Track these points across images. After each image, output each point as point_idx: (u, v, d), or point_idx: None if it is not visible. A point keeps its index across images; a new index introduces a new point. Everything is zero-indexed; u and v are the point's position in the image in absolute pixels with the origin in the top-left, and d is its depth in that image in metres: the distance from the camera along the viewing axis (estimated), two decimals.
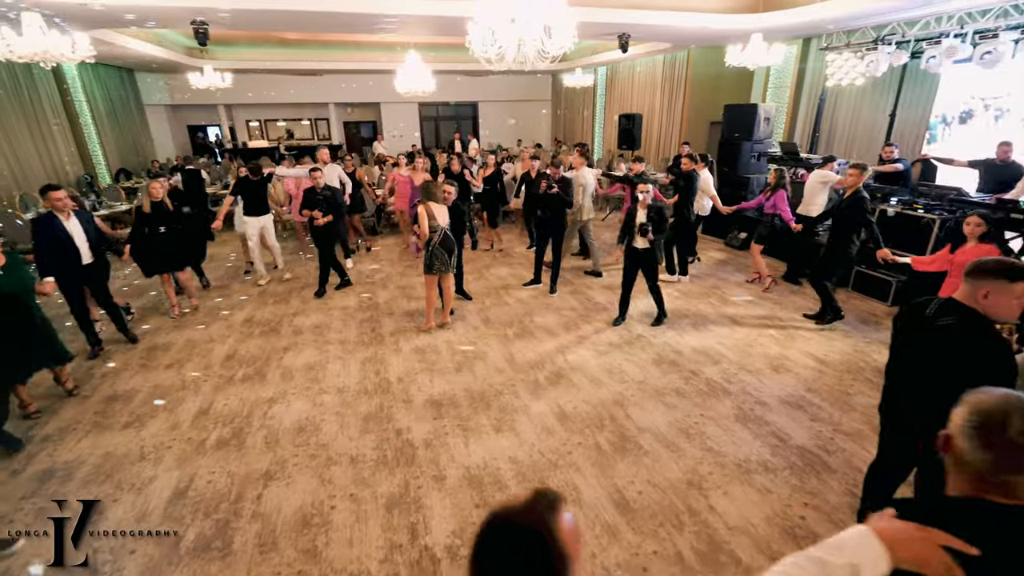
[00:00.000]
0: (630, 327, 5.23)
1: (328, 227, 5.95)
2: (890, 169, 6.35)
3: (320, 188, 5.92)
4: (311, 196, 5.91)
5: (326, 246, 6.02)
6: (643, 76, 13.57)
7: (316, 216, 5.84)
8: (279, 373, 4.42)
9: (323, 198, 5.90)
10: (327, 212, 5.87)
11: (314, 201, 5.88)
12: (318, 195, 5.90)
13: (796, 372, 4.35)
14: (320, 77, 16.43)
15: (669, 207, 6.36)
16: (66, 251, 4.30)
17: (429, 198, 4.83)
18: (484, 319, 5.49)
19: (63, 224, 4.29)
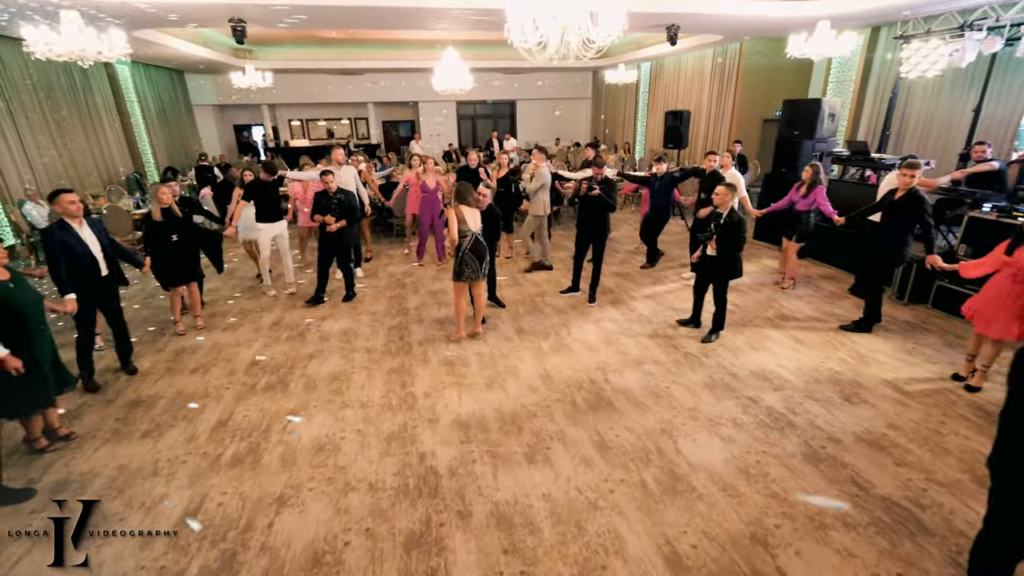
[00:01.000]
0: (679, 344, 4.77)
1: (340, 233, 5.63)
2: (984, 169, 5.60)
3: (333, 191, 5.59)
4: (323, 200, 5.58)
5: (333, 253, 5.71)
6: (690, 71, 12.90)
7: (329, 222, 5.52)
8: (302, 383, 4.21)
9: (337, 202, 5.58)
10: (340, 217, 5.56)
11: (327, 206, 5.57)
12: (332, 199, 5.58)
13: (873, 404, 3.80)
14: (359, 76, 16.51)
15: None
16: (83, 263, 3.81)
17: (461, 201, 4.53)
18: (517, 329, 5.15)
19: (77, 232, 3.81)
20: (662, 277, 6.68)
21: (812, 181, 5.63)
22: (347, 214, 5.64)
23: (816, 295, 5.93)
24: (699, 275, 4.91)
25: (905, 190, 4.46)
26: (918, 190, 4.45)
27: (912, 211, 4.41)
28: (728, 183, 4.70)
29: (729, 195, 4.52)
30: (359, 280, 6.67)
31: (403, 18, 7.96)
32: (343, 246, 5.79)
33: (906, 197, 4.45)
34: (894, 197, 4.58)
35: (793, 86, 11.47)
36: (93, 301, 3.99)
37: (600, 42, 3.71)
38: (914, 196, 4.42)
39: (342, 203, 5.61)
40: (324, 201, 5.60)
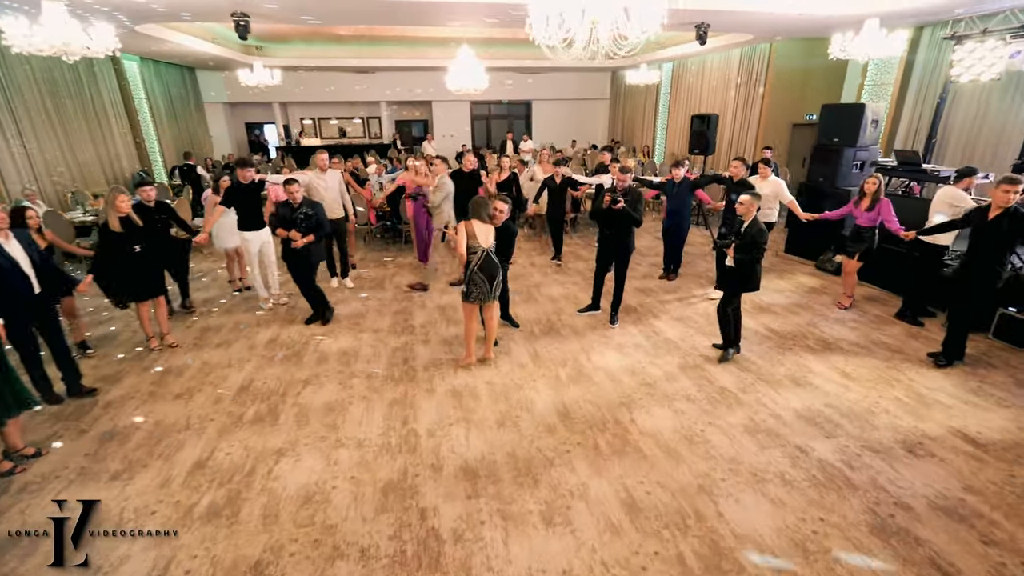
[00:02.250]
0: (713, 378, 4.28)
1: (307, 250, 5.01)
2: None
3: (298, 203, 4.96)
4: (287, 213, 4.94)
5: (302, 273, 5.13)
6: (716, 72, 12.35)
7: (294, 238, 4.92)
8: (294, 414, 3.81)
9: (303, 215, 4.94)
10: (307, 232, 4.95)
11: (291, 219, 4.94)
12: (297, 212, 4.96)
13: (942, 458, 3.29)
14: (372, 75, 16.19)
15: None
16: (11, 280, 3.45)
17: (474, 215, 4.09)
18: (533, 354, 4.70)
19: (3, 246, 3.44)
20: (687, 293, 6.19)
21: (877, 193, 5.15)
22: (315, 229, 5.05)
23: (860, 319, 5.41)
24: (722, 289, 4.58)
25: (1003, 208, 3.93)
26: (1019, 207, 3.93)
27: (1016, 232, 3.93)
28: (754, 192, 4.32)
29: (754, 205, 4.20)
30: (348, 289, 6.36)
31: (418, 14, 7.56)
32: (310, 265, 5.16)
33: (1006, 216, 3.93)
34: (987, 216, 4.04)
35: (825, 90, 10.87)
36: (27, 321, 3.63)
37: (634, 39, 3.25)
38: (1016, 214, 3.91)
39: (309, 217, 4.99)
40: (288, 214, 4.96)
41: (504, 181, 7.40)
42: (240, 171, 5.33)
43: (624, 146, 16.55)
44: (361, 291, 6.36)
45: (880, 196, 5.14)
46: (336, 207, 6.08)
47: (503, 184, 7.39)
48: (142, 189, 5.03)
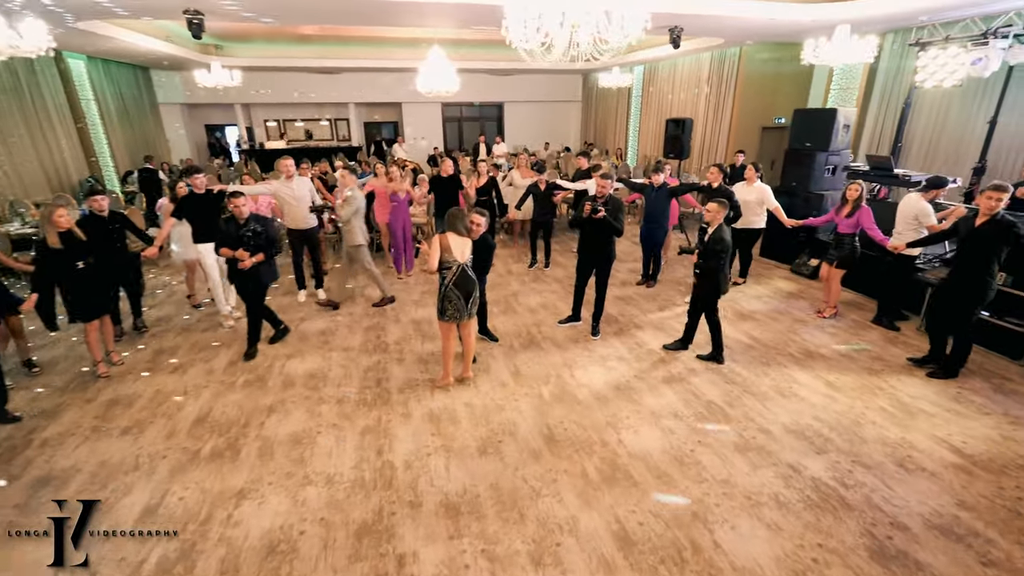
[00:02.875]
0: (700, 391, 4.17)
1: (256, 270, 4.52)
2: None
3: (244, 218, 4.46)
4: (232, 230, 4.42)
5: (252, 294, 4.63)
6: (686, 76, 12.41)
7: (241, 257, 4.39)
8: (256, 447, 3.50)
9: (251, 232, 4.45)
10: (256, 251, 4.47)
11: (237, 237, 4.41)
12: (244, 229, 4.44)
13: (933, 472, 3.24)
14: (339, 76, 15.71)
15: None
16: None
17: (450, 228, 3.86)
18: (513, 371, 4.50)
19: None
20: (667, 301, 6.11)
21: (858, 200, 5.11)
22: (266, 247, 4.53)
23: (839, 325, 5.41)
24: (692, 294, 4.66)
25: (989, 215, 3.91)
26: (1005, 215, 3.93)
27: (1002, 239, 3.88)
28: (719, 199, 4.36)
29: (721, 212, 4.28)
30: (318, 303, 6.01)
31: (385, 14, 7.27)
32: (261, 286, 4.65)
33: (991, 224, 3.91)
34: (974, 225, 4.01)
35: (793, 94, 11.05)
36: None
37: (616, 43, 3.09)
38: (1003, 222, 3.88)
39: (258, 234, 4.48)
40: (233, 231, 4.41)
41: (483, 186, 7.23)
42: (191, 180, 4.97)
43: (597, 148, 16.55)
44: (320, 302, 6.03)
45: (861, 203, 5.11)
46: (307, 216, 5.77)
47: (482, 189, 7.22)
48: (93, 199, 4.65)
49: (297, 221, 5.74)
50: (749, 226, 6.17)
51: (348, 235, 5.55)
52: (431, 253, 3.78)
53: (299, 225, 5.77)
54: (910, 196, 5.07)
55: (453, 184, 6.93)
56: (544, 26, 3.23)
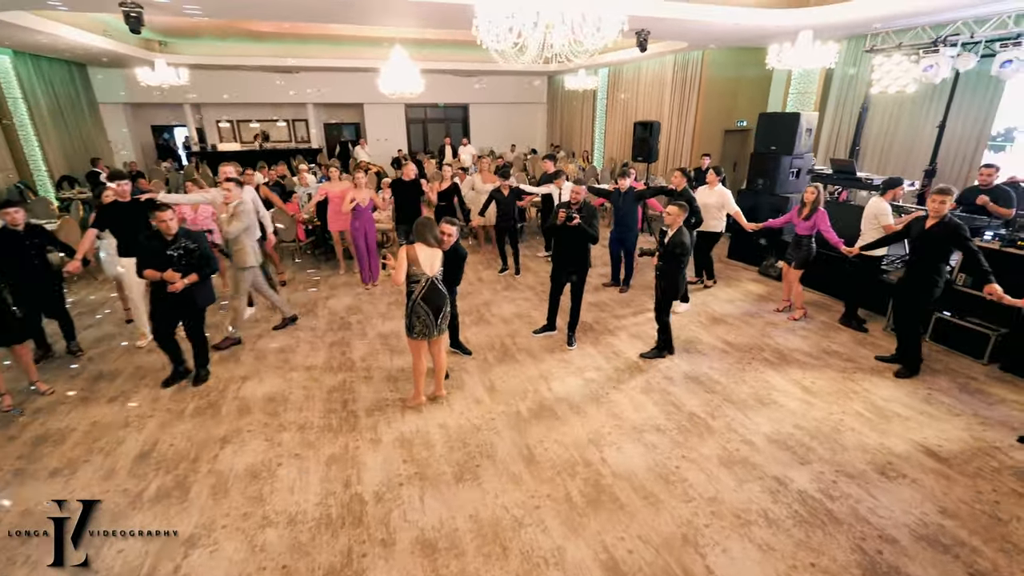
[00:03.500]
0: (680, 402, 4.08)
1: (189, 293, 3.95)
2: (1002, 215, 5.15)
3: (172, 234, 3.87)
4: (157, 247, 3.84)
5: (178, 320, 4.11)
6: (650, 79, 12.52)
7: (171, 279, 3.81)
8: (209, 485, 3.17)
9: (182, 250, 3.90)
10: (189, 271, 3.93)
11: (163, 257, 3.83)
12: (173, 247, 3.87)
13: (913, 478, 3.24)
14: (297, 75, 15.11)
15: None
16: None
17: (419, 238, 3.62)
18: (488, 386, 4.30)
19: None
20: (640, 307, 6.03)
21: (815, 203, 5.21)
22: (199, 266, 3.98)
23: (809, 327, 5.46)
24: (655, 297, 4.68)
25: (938, 218, 4.06)
26: (952, 217, 4.07)
27: (950, 241, 4.03)
28: (679, 203, 4.42)
29: (681, 215, 4.35)
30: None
31: (344, 12, 6.93)
32: (196, 310, 4.13)
33: (940, 226, 4.05)
34: (924, 227, 4.15)
35: (753, 98, 11.30)
36: None
37: (591, 45, 2.95)
38: (950, 224, 4.01)
39: (191, 252, 3.93)
40: (159, 248, 3.84)
41: (445, 191, 7.00)
42: (116, 186, 4.51)
43: (564, 150, 16.53)
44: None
45: (818, 206, 5.21)
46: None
47: (444, 194, 6.99)
48: (5, 211, 4.15)
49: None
50: (709, 229, 6.20)
51: (237, 255, 4.76)
52: (397, 266, 3.53)
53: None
54: (873, 199, 5.16)
55: (416, 189, 6.66)
56: (517, 26, 3.05)
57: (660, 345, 4.77)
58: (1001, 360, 4.58)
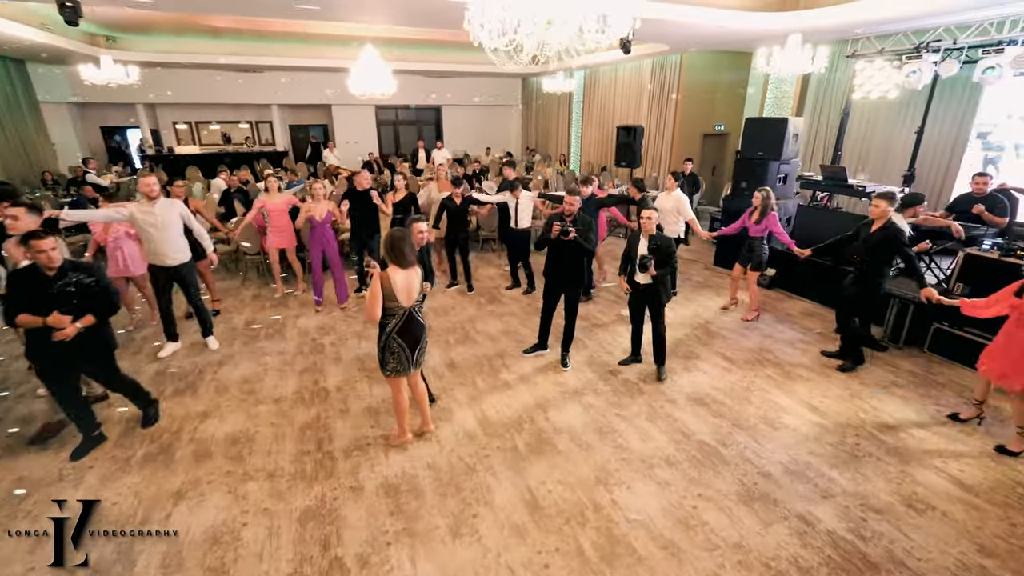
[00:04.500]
0: (688, 428, 3.79)
1: (87, 339, 3.19)
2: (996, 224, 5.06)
3: (55, 267, 3.05)
4: (42, 282, 3.04)
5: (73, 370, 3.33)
6: (627, 82, 12.37)
7: (58, 324, 3.02)
8: (159, 555, 2.69)
9: (72, 286, 3.10)
10: (82, 312, 3.15)
11: (49, 295, 3.04)
12: (59, 283, 3.07)
13: (944, 511, 3.03)
14: (261, 75, 14.36)
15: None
16: None
17: (393, 260, 3.13)
18: (480, 417, 3.92)
19: None
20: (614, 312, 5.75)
21: (764, 207, 5.31)
22: (95, 304, 3.21)
23: (806, 338, 5.29)
24: (634, 306, 4.52)
25: (882, 222, 4.19)
26: (893, 222, 4.18)
27: (889, 245, 4.15)
28: (655, 207, 4.36)
29: (655, 218, 4.24)
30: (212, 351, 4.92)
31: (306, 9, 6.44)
32: (94, 355, 3.34)
33: (882, 231, 4.18)
34: (870, 230, 4.27)
35: (731, 102, 11.28)
36: None
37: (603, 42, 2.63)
38: (890, 229, 4.14)
39: (85, 286, 3.15)
40: (43, 282, 3.04)
41: (401, 202, 6.22)
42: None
43: (540, 154, 16.26)
44: (256, 341, 5.16)
45: (768, 210, 5.27)
46: (175, 249, 4.49)
47: (400, 205, 6.20)
48: None
49: (161, 254, 4.45)
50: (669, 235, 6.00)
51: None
52: (371, 299, 3.06)
53: (164, 260, 4.48)
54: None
55: (365, 200, 5.87)
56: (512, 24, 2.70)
57: (660, 360, 4.51)
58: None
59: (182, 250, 4.59)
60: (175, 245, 4.51)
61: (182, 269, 4.62)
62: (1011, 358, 3.34)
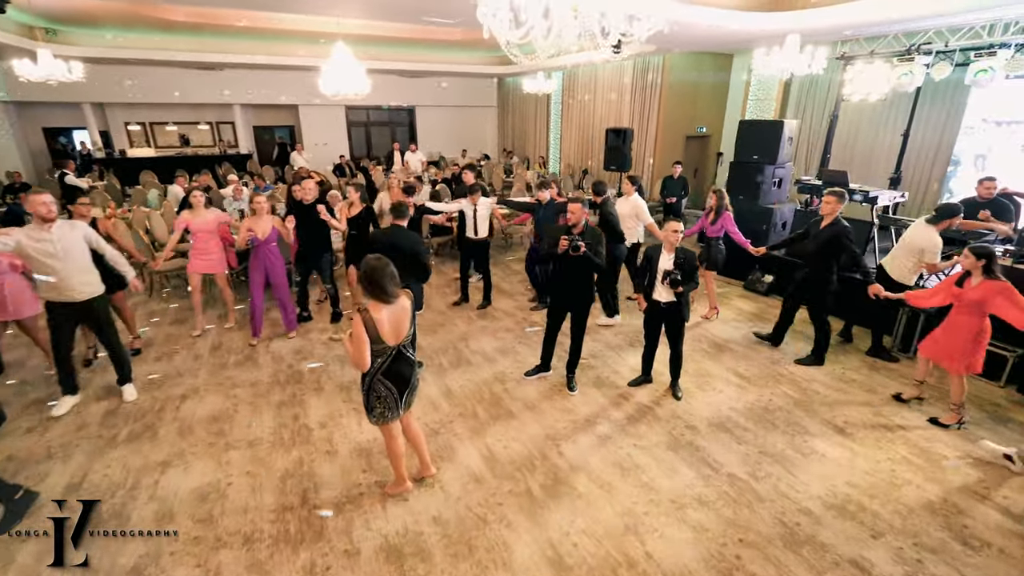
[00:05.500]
0: (715, 460, 3.47)
1: None
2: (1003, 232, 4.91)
3: None
4: None
5: None
6: (608, 83, 12.14)
7: None
8: None
9: None
10: None
11: None
12: None
13: (1000, 547, 2.79)
14: (222, 73, 13.50)
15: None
16: None
17: (373, 295, 2.59)
18: (487, 455, 3.51)
19: None
20: (629, 327, 5.46)
21: (719, 208, 5.42)
22: None
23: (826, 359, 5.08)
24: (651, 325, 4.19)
25: (831, 218, 4.34)
26: (840, 220, 4.34)
27: (837, 242, 4.30)
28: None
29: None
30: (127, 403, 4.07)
31: None
32: None
33: (829, 227, 4.34)
34: (820, 227, 4.43)
35: (712, 104, 11.19)
36: None
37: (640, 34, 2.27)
38: (837, 226, 4.31)
39: None
40: None
41: (356, 217, 5.20)
42: None
43: (517, 156, 15.90)
44: (224, 370, 4.60)
45: (722, 210, 5.39)
46: (82, 281, 3.71)
47: (356, 221, 5.21)
48: None
49: (66, 289, 3.64)
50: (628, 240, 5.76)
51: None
52: (356, 346, 2.54)
53: (70, 295, 3.66)
54: (918, 225, 4.50)
55: (309, 214, 4.99)
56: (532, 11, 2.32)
57: (675, 375, 4.27)
58: (1018, 383, 4.37)
59: (92, 282, 3.77)
60: (83, 276, 3.70)
61: (94, 304, 3.79)
62: (953, 343, 3.64)
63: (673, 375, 4.26)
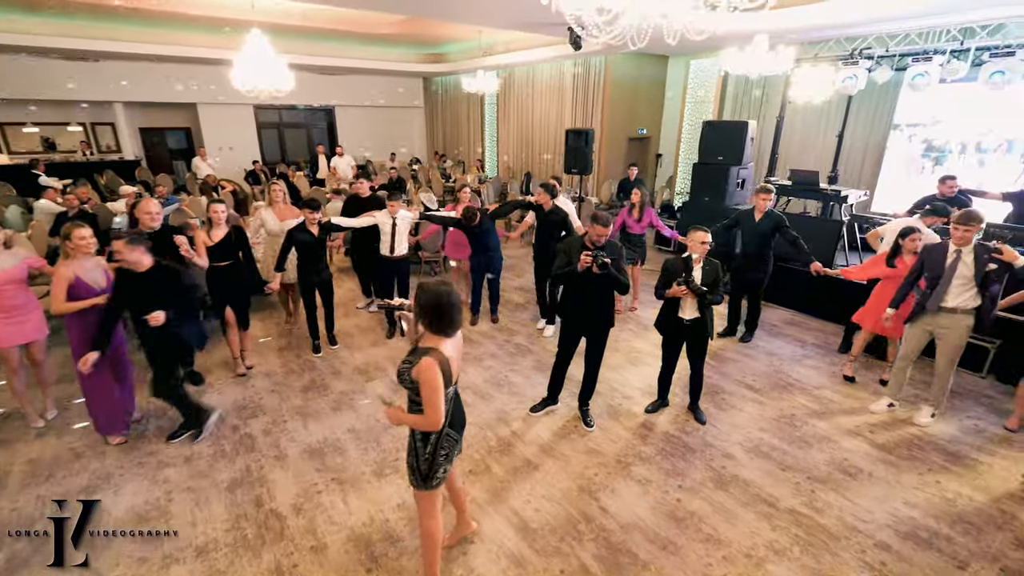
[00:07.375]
0: (767, 494, 3.10)
1: None
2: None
3: None
4: None
5: None
6: (547, 84, 11.83)
7: None
8: None
9: None
10: None
11: None
12: None
13: None
14: (99, 65, 11.39)
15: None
16: None
17: (441, 330, 2.04)
18: (518, 524, 2.87)
19: None
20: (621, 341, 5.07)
21: (642, 204, 5.64)
22: None
23: (807, 353, 5.00)
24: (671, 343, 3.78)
25: (762, 212, 4.80)
26: (774, 211, 4.84)
27: (776, 230, 4.76)
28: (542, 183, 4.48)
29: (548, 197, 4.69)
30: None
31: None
32: None
33: (766, 218, 4.78)
34: (755, 220, 4.84)
35: (650, 106, 11.27)
36: None
37: None
38: (773, 216, 4.79)
39: None
40: None
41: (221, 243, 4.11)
42: None
43: (450, 159, 15.14)
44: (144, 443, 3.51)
45: (645, 206, 5.63)
46: None
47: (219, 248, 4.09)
48: None
49: None
50: None
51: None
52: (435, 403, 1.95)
53: None
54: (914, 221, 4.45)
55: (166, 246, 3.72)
56: None
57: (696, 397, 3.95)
58: (997, 372, 4.54)
59: None
60: None
61: None
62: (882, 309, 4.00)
63: (693, 397, 3.91)
